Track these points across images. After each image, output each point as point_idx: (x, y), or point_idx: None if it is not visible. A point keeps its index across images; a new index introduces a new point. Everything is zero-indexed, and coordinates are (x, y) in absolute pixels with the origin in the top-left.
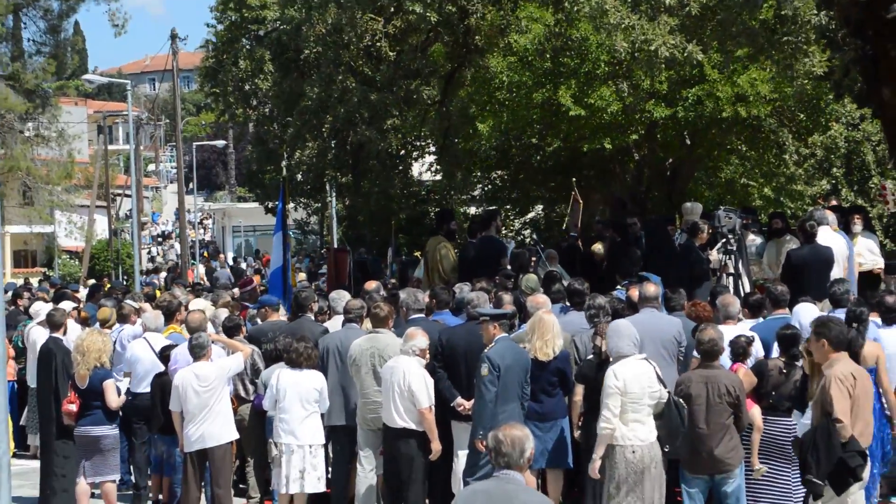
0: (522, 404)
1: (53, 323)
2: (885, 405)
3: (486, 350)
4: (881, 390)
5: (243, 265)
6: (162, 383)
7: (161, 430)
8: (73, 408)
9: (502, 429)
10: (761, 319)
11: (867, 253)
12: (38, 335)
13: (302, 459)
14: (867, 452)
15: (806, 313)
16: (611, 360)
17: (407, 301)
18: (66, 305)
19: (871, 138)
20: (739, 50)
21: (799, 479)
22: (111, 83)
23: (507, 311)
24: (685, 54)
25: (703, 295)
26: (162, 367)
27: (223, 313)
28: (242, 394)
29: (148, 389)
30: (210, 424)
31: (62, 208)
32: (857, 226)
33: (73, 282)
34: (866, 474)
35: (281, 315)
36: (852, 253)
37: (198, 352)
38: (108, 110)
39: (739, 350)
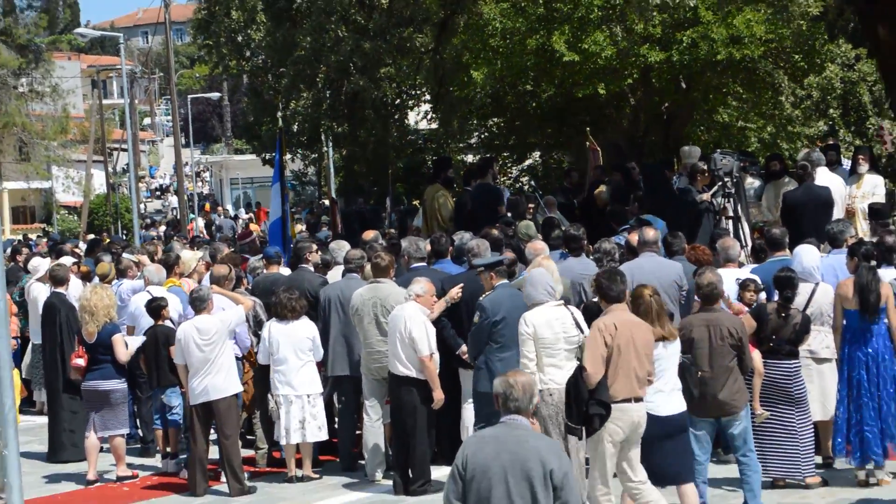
0: None
1: (57, 278)
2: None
3: (481, 298)
4: (892, 328)
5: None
6: (156, 335)
7: (159, 382)
8: (82, 362)
9: (510, 375)
10: (755, 264)
11: (872, 192)
12: (38, 291)
13: (301, 409)
14: (609, 403)
15: (807, 255)
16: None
17: (408, 249)
18: (67, 261)
19: (866, 78)
20: None
21: (804, 422)
22: (104, 37)
23: (503, 258)
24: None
25: (704, 238)
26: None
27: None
28: (245, 347)
29: None
30: (213, 377)
31: (59, 163)
32: (863, 166)
33: (73, 237)
34: (614, 430)
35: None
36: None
37: (199, 305)
38: (102, 64)
39: (747, 288)
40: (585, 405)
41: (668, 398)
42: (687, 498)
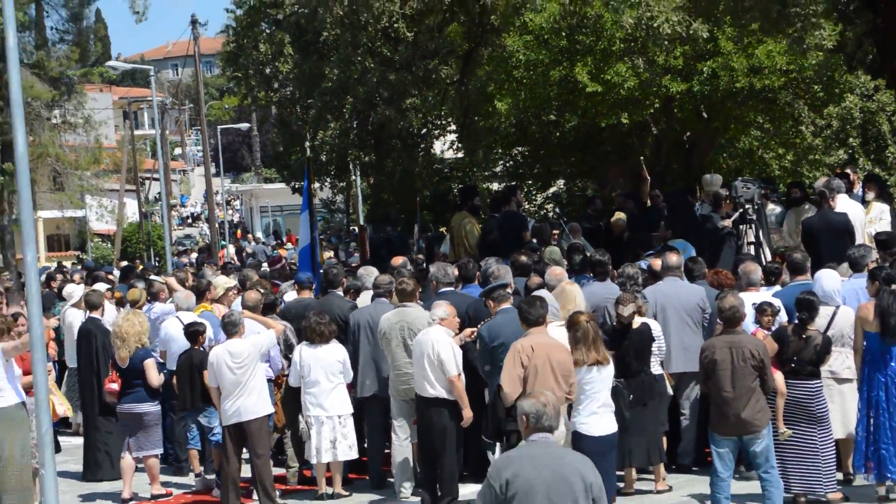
0: None
1: (91, 304)
2: None
3: (480, 325)
4: None
5: (250, 248)
6: (190, 359)
7: (194, 404)
8: (115, 387)
9: (538, 395)
10: (778, 287)
11: (879, 217)
12: (73, 317)
13: (332, 430)
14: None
15: (827, 279)
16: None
17: (436, 275)
18: (101, 287)
19: (885, 108)
20: (753, 24)
21: (826, 440)
22: (135, 69)
23: (500, 283)
24: (690, 31)
25: (726, 263)
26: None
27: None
28: (279, 369)
29: None
30: (245, 399)
31: (92, 193)
32: (870, 193)
33: (107, 264)
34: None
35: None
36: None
37: (231, 329)
38: (133, 96)
39: (764, 312)
40: (501, 422)
41: (600, 419)
42: None
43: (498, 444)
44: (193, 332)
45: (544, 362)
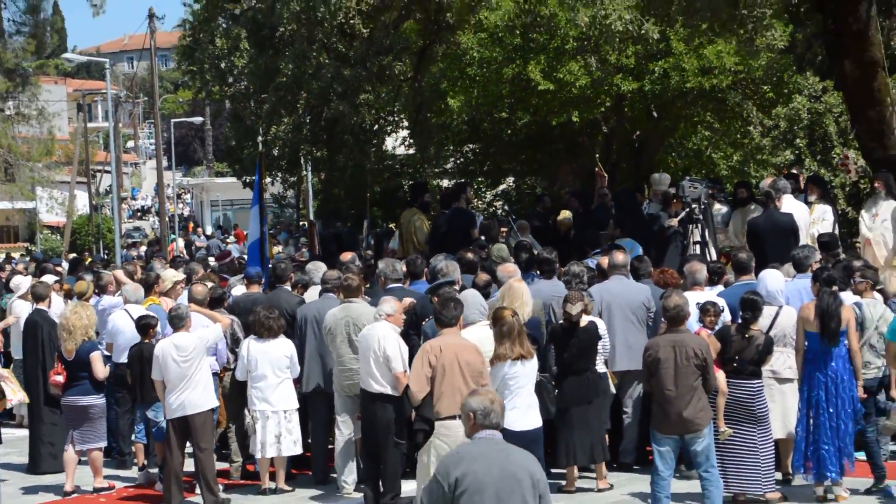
0: None
1: (38, 296)
2: (854, 366)
3: (424, 322)
4: (852, 351)
5: (199, 241)
6: (140, 352)
7: (143, 398)
8: (60, 379)
9: (481, 394)
10: (722, 287)
11: (822, 218)
12: (20, 308)
13: (277, 424)
14: (432, 420)
15: (771, 279)
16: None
17: (385, 271)
18: (49, 279)
19: (832, 110)
20: (704, 24)
21: (765, 439)
22: (90, 62)
23: (446, 280)
24: (641, 31)
25: (672, 262)
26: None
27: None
28: (224, 362)
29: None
30: (190, 392)
31: (43, 184)
32: (812, 195)
33: (56, 256)
34: (439, 445)
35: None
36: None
37: (177, 322)
38: (87, 88)
39: (707, 312)
40: (410, 422)
41: (523, 414)
42: None
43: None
44: (144, 326)
45: (452, 362)
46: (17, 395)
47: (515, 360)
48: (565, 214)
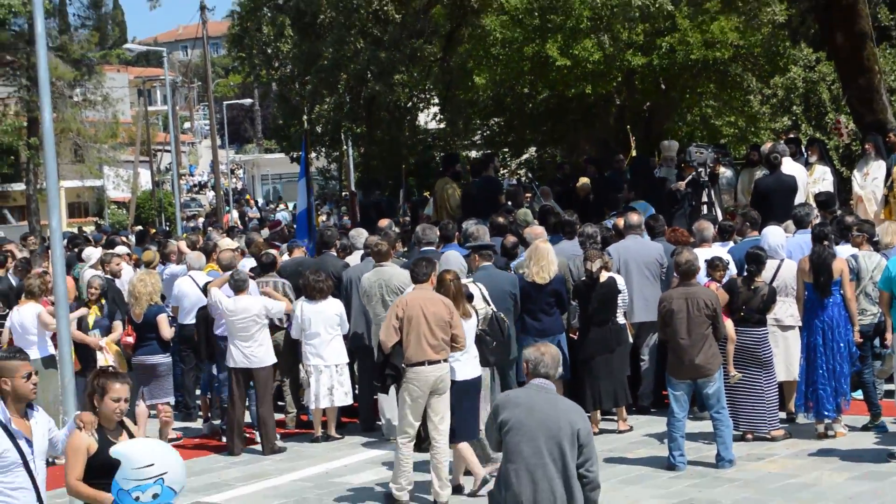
0: (514, 322)
1: (111, 271)
2: (849, 312)
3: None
4: (846, 299)
5: (252, 212)
6: (205, 315)
7: (208, 356)
8: (131, 340)
9: (541, 346)
10: (732, 243)
11: (822, 178)
12: (90, 277)
13: (330, 377)
14: (401, 368)
15: (772, 235)
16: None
17: (419, 235)
18: (121, 250)
19: (825, 79)
20: (709, 2)
21: (770, 382)
22: (148, 51)
23: (487, 243)
24: (657, 5)
25: (681, 221)
26: (205, 301)
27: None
28: (276, 322)
29: (193, 321)
30: (256, 348)
31: (109, 164)
32: (813, 157)
33: (122, 229)
34: (411, 389)
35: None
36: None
37: (240, 285)
38: (147, 75)
39: (716, 267)
40: (382, 368)
41: (463, 365)
42: (461, 452)
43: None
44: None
45: (418, 314)
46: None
47: None
48: (584, 181)
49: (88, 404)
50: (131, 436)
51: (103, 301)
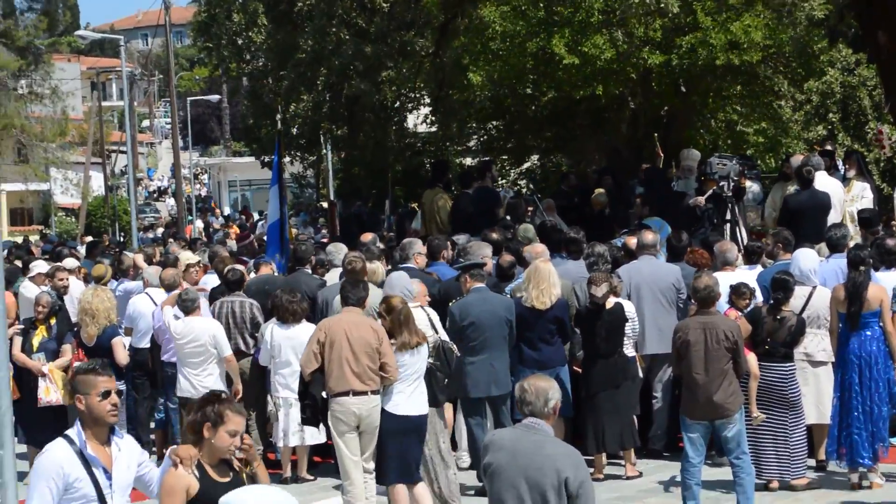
0: (511, 353)
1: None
2: (890, 347)
3: (451, 303)
4: (886, 332)
5: (217, 223)
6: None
7: (162, 383)
8: None
9: (528, 379)
10: (760, 267)
11: (861, 195)
12: (29, 291)
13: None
14: (318, 397)
15: (805, 259)
16: None
17: (401, 250)
18: (70, 263)
19: (867, 83)
20: None
21: (797, 426)
22: (104, 39)
23: (477, 262)
24: (660, 4)
25: (703, 242)
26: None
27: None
28: (243, 347)
29: (149, 344)
30: (205, 378)
31: (57, 165)
32: (851, 171)
33: (71, 239)
34: (335, 421)
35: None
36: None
37: (189, 306)
38: (102, 66)
39: (742, 295)
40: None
41: (408, 399)
42: (416, 497)
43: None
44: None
45: (341, 338)
46: (51, 395)
47: (404, 348)
48: (599, 192)
49: (190, 434)
50: (237, 476)
51: (52, 321)
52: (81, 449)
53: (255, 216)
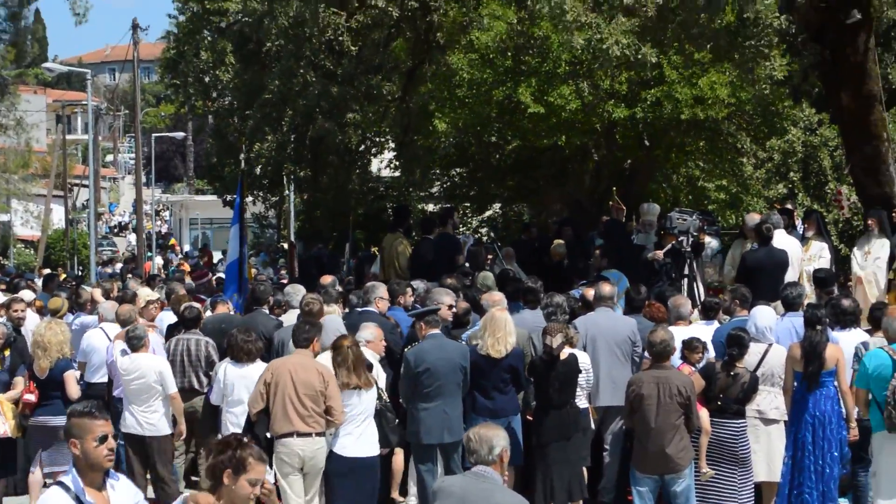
0: (464, 400)
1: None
2: (845, 407)
3: (407, 349)
4: (840, 392)
5: (177, 260)
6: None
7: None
8: (32, 398)
9: (475, 427)
10: (717, 322)
11: (818, 255)
12: None
13: None
14: (263, 437)
15: (762, 316)
16: None
17: (362, 293)
18: (27, 295)
19: (828, 143)
20: (699, 53)
21: (746, 482)
22: (71, 72)
23: (434, 308)
24: (639, 55)
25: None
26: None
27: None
28: (196, 385)
29: (103, 379)
30: (150, 415)
31: (19, 197)
32: (810, 230)
33: (29, 271)
34: (279, 463)
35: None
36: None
37: (135, 343)
38: (68, 100)
39: (695, 350)
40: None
41: (356, 441)
42: None
43: None
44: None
45: (286, 380)
46: (1, 427)
47: (353, 389)
48: (558, 243)
49: (209, 479)
50: None
51: (6, 352)
52: (79, 495)
53: (219, 255)
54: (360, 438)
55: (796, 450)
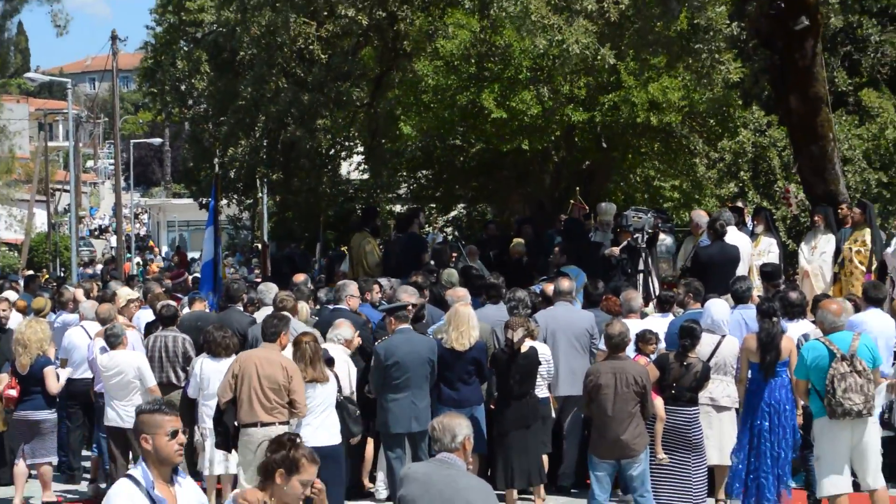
0: (431, 391)
1: None
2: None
3: (377, 343)
4: (794, 381)
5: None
6: None
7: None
8: (14, 393)
9: (439, 417)
10: (672, 315)
11: (767, 250)
12: None
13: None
14: (231, 425)
15: (716, 309)
16: None
17: (334, 291)
18: (11, 295)
19: (777, 144)
20: (655, 58)
21: (699, 466)
22: (52, 82)
23: (405, 304)
24: (598, 57)
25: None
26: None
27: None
28: (174, 380)
29: (84, 375)
30: (130, 408)
31: (2, 202)
32: (759, 227)
33: (13, 273)
34: (243, 451)
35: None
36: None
37: (113, 341)
38: (49, 108)
39: (648, 341)
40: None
41: (314, 431)
42: None
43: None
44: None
45: (251, 373)
46: None
47: (310, 383)
48: (518, 241)
49: (260, 475)
50: None
51: None
52: (149, 489)
53: (195, 255)
54: (318, 429)
55: (752, 436)
